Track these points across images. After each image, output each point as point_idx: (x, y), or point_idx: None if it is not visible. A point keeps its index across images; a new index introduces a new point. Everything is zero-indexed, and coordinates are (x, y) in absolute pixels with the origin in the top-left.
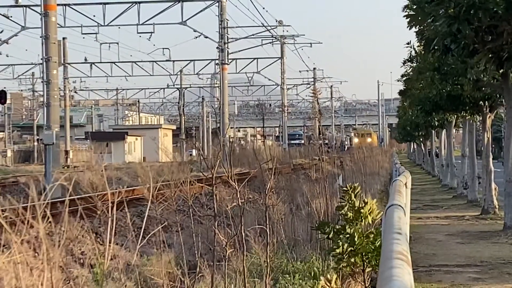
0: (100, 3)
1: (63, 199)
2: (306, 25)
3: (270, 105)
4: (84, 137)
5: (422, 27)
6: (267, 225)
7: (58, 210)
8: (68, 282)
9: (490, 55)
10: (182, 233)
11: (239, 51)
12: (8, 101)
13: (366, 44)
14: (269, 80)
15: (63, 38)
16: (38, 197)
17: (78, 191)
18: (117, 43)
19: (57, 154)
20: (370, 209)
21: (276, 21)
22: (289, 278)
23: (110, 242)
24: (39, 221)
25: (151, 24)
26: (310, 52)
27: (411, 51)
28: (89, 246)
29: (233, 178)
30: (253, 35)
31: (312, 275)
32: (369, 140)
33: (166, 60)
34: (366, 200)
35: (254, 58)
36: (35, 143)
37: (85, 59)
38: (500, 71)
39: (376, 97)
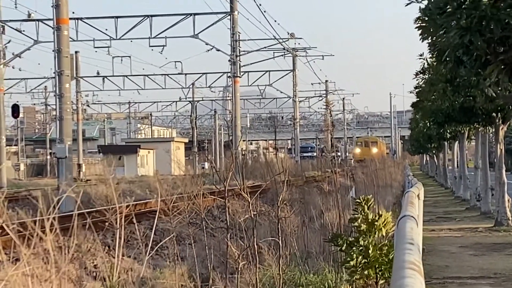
0: (112, 17)
1: (75, 212)
2: (318, 38)
3: (282, 117)
4: (96, 150)
5: (434, 39)
6: (280, 238)
7: (70, 223)
8: None
9: (502, 66)
10: (195, 245)
11: (251, 63)
12: (21, 115)
13: (378, 56)
14: (281, 92)
15: (76, 52)
16: (51, 211)
17: (92, 204)
18: (129, 56)
19: (70, 168)
20: (384, 221)
21: (288, 33)
22: None
23: (121, 255)
24: (47, 234)
25: (163, 37)
26: (322, 65)
27: (423, 63)
28: (102, 259)
29: (246, 190)
30: (265, 47)
31: (325, 287)
32: (374, 150)
33: (178, 73)
34: (380, 213)
35: (266, 71)
36: (48, 157)
37: (98, 73)
38: None
39: (389, 109)
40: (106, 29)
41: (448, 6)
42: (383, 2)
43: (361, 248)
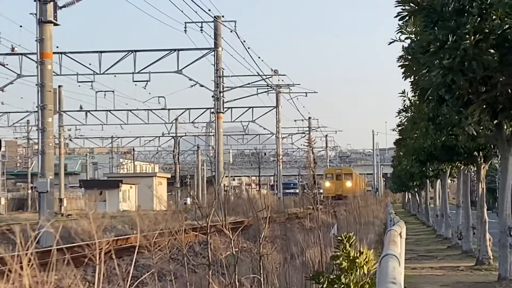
0: (96, 52)
1: (56, 247)
2: (301, 75)
3: (265, 154)
4: (78, 185)
5: (416, 78)
6: (262, 275)
7: (50, 259)
8: None
9: (484, 106)
10: (176, 282)
11: (235, 99)
12: (2, 149)
13: (361, 93)
14: (264, 129)
15: (59, 86)
16: (31, 245)
17: (73, 239)
18: (113, 91)
19: (51, 202)
20: (366, 259)
21: (272, 70)
22: None
23: None
24: (25, 269)
25: (147, 72)
26: (305, 102)
27: (405, 101)
28: None
29: (228, 227)
30: (248, 84)
31: None
32: (348, 184)
33: (162, 109)
34: (362, 250)
35: (250, 107)
36: (29, 191)
37: (81, 107)
38: (494, 122)
39: (371, 146)
40: (90, 64)
41: (431, 46)
42: (366, 40)
43: (342, 286)
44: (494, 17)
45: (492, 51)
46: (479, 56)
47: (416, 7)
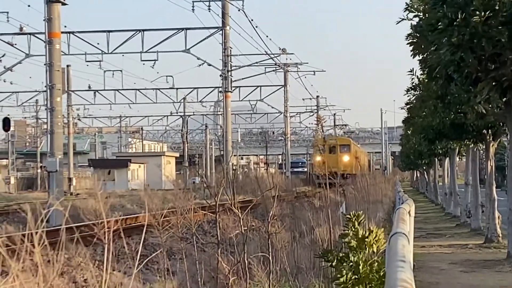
0: (104, 31)
1: (65, 226)
2: (309, 53)
3: (273, 132)
4: (87, 164)
5: (425, 56)
6: (270, 253)
7: (59, 237)
8: None
9: (493, 84)
10: (186, 260)
11: (242, 79)
12: (11, 128)
13: (369, 72)
14: (272, 108)
15: (67, 66)
16: (39, 224)
17: (82, 218)
18: (121, 70)
19: (61, 181)
20: (376, 237)
21: (280, 49)
22: None
23: (111, 269)
24: (36, 247)
25: (155, 51)
26: (313, 80)
27: (414, 79)
28: (91, 273)
29: (236, 205)
30: (256, 63)
31: None
32: (346, 158)
33: (170, 88)
34: (371, 229)
35: (258, 86)
36: (39, 170)
37: (89, 87)
38: (503, 100)
39: (379, 125)
40: (98, 43)
41: (440, 23)
42: (375, 18)
43: (351, 264)
44: None
45: (501, 28)
46: (488, 34)
47: None
